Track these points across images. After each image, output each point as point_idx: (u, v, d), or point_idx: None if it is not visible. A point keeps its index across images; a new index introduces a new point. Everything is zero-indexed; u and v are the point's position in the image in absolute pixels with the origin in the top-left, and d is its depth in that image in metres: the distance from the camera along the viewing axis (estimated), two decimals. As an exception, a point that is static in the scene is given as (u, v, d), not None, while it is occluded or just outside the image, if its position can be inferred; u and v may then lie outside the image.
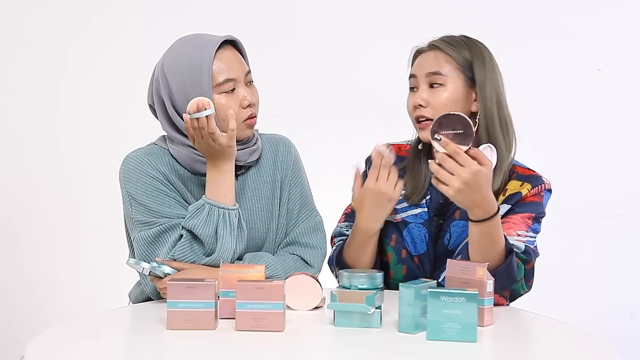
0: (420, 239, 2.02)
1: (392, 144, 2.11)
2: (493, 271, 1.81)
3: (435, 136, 1.75)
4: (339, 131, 3.31)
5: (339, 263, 2.04)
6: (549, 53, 3.34)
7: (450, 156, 1.73)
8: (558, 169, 3.26)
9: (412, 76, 2.03)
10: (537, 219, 1.97)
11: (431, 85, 1.99)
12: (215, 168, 1.89)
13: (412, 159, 2.07)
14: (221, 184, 1.90)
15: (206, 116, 1.82)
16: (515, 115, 2.05)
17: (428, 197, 2.03)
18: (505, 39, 3.30)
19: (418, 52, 2.05)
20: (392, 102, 2.35)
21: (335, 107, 3.35)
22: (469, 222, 1.82)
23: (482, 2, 3.35)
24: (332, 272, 2.09)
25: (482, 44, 2.03)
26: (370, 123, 3.28)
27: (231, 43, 1.96)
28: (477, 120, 1.98)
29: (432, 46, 2.02)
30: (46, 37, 3.42)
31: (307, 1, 3.40)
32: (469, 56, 1.99)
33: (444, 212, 2.01)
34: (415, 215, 2.03)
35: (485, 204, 1.78)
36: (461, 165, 1.73)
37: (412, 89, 2.04)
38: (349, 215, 2.11)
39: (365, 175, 1.98)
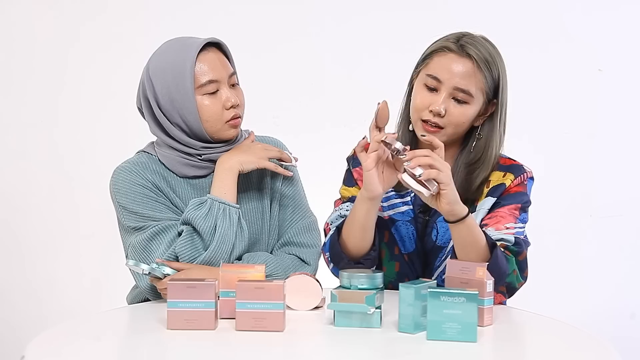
0: (409, 236, 2.01)
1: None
2: None
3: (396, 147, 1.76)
4: (339, 131, 3.31)
5: (333, 247, 1.98)
6: (549, 53, 3.34)
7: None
8: (558, 169, 3.28)
9: (434, 78, 1.93)
10: (524, 208, 1.97)
11: (454, 98, 1.92)
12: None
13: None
14: (223, 183, 1.93)
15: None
16: (516, 116, 2.05)
17: (413, 193, 2.01)
18: (505, 38, 3.27)
19: (447, 50, 1.93)
20: (392, 102, 2.34)
21: (336, 107, 3.35)
22: (449, 224, 1.82)
23: (483, 2, 3.35)
24: (325, 258, 2.03)
25: (498, 51, 1.98)
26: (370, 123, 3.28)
27: (216, 45, 1.99)
28: (478, 134, 1.97)
29: (468, 55, 1.92)
30: (46, 37, 3.42)
31: (308, 1, 3.40)
32: (497, 77, 1.94)
33: (429, 208, 2.00)
34: (402, 212, 2.02)
35: (458, 205, 1.79)
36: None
37: (429, 88, 1.94)
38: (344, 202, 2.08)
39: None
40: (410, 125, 2.00)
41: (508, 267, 1.88)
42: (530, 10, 3.35)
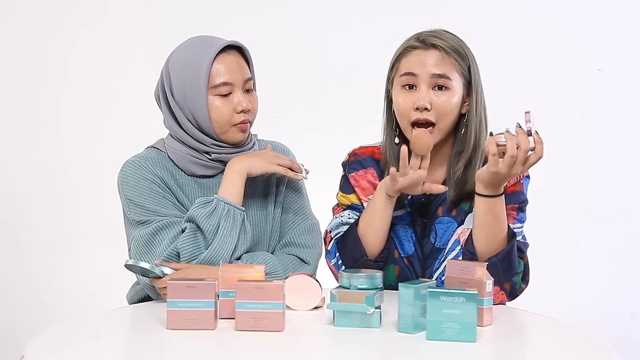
0: (407, 239, 2.01)
1: (363, 146, 2.10)
2: (496, 256, 1.83)
3: (530, 127, 1.75)
4: (339, 132, 3.31)
5: (350, 247, 1.97)
6: (549, 53, 3.34)
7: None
8: (558, 169, 3.28)
9: (409, 74, 1.93)
10: (521, 208, 1.97)
11: (434, 87, 1.93)
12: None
13: (394, 160, 2.00)
14: (231, 184, 1.95)
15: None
16: (516, 116, 2.04)
17: (409, 196, 2.01)
18: (505, 39, 3.30)
19: (411, 48, 1.95)
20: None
21: (336, 107, 3.35)
22: (477, 196, 1.83)
23: (483, 2, 3.35)
24: (331, 266, 2.03)
25: (461, 39, 1.99)
26: (370, 124, 3.27)
27: (237, 49, 2.00)
28: (465, 122, 1.97)
29: (434, 46, 1.93)
30: (47, 37, 3.42)
31: (309, 2, 3.40)
32: (468, 62, 1.95)
33: (426, 210, 2.00)
34: (399, 216, 2.02)
35: (502, 184, 1.82)
36: (523, 164, 1.75)
37: (407, 87, 1.95)
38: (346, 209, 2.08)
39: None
40: (396, 138, 2.00)
41: (519, 267, 1.89)
42: (530, 10, 3.35)
